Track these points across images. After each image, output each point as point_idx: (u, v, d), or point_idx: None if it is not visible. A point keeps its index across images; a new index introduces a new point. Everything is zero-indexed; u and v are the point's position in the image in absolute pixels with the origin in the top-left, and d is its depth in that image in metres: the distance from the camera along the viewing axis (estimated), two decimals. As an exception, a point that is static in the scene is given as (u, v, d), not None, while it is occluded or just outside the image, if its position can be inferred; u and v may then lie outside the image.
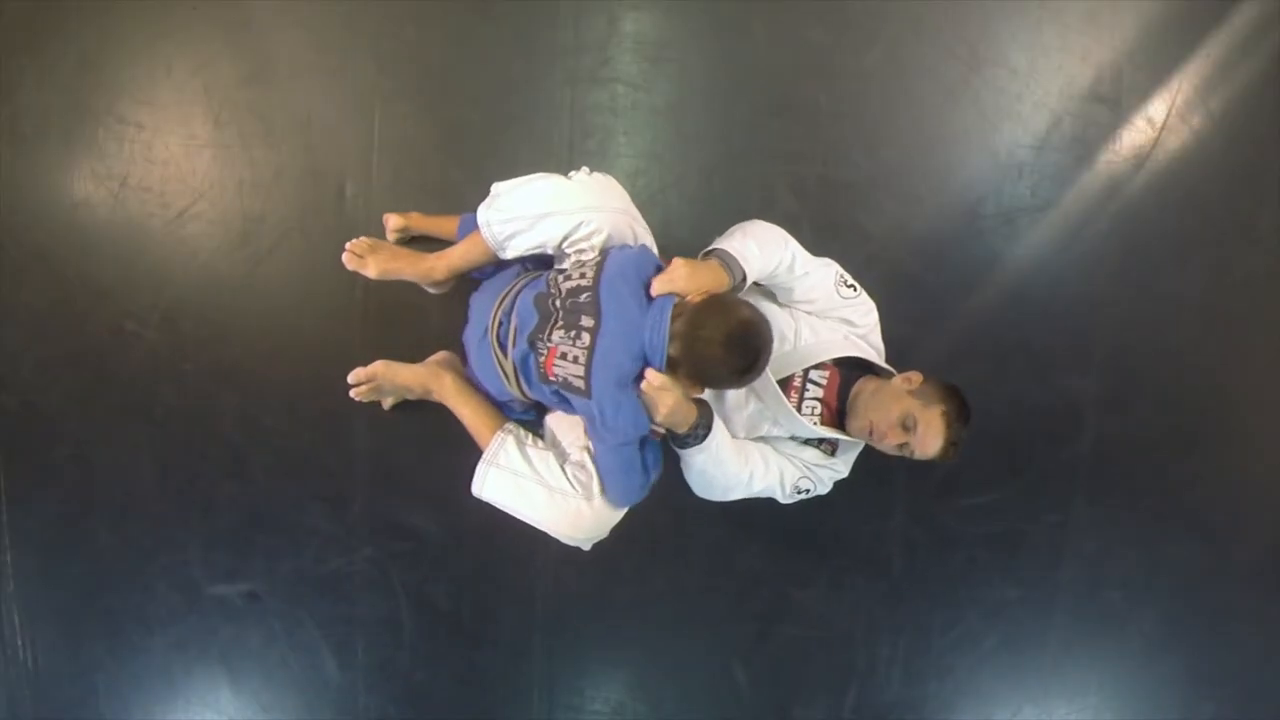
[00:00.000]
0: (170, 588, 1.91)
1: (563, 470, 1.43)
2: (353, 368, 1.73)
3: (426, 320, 1.79)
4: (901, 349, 1.67)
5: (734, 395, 1.52)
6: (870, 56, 1.77)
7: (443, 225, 1.68)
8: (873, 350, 1.60)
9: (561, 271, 1.38)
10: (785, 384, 1.53)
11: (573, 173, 1.39)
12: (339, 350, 1.78)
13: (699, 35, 1.76)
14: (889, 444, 1.47)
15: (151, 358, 1.79)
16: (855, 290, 1.56)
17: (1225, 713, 2.11)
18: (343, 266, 1.65)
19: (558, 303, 1.35)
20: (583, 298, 1.31)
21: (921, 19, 1.77)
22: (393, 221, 1.67)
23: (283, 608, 1.93)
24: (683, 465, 1.52)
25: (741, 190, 1.79)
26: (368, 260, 1.56)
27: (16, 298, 1.76)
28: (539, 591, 1.94)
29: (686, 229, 1.77)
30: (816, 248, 1.68)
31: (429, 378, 1.64)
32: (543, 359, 1.34)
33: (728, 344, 1.27)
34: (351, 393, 1.71)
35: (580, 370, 1.30)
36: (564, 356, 1.32)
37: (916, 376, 1.54)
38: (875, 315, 1.59)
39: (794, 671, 2.03)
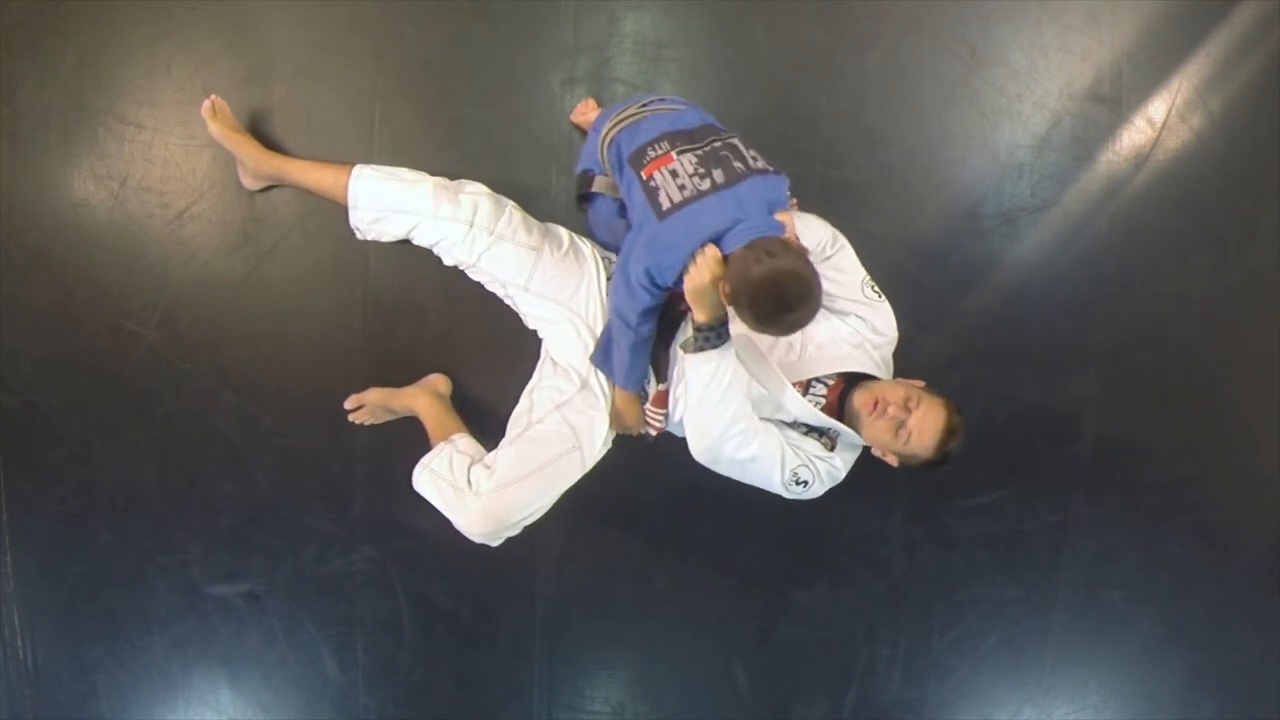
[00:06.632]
0: (170, 588, 1.91)
1: (467, 472, 1.56)
2: (353, 368, 1.75)
3: (426, 321, 1.79)
4: (901, 349, 1.66)
5: None
6: (870, 56, 1.77)
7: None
8: (883, 366, 1.60)
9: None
10: None
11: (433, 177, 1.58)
12: (339, 350, 1.79)
13: (699, 35, 1.75)
14: (888, 419, 1.48)
15: (151, 358, 1.79)
16: (880, 296, 1.59)
17: (1225, 713, 2.11)
18: (343, 266, 1.68)
19: (716, 145, 1.37)
20: (735, 164, 1.35)
21: (921, 19, 1.77)
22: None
23: (283, 608, 1.93)
24: (683, 389, 1.48)
25: (741, 190, 1.79)
26: (212, 121, 1.63)
27: (16, 298, 1.76)
28: (539, 591, 1.94)
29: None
30: (816, 248, 1.68)
31: (411, 398, 1.75)
32: (650, 159, 1.37)
33: (767, 279, 1.25)
34: (350, 416, 1.78)
35: (677, 197, 1.32)
36: (674, 174, 1.34)
37: (919, 382, 1.56)
38: (895, 329, 1.60)
39: (794, 671, 2.03)
